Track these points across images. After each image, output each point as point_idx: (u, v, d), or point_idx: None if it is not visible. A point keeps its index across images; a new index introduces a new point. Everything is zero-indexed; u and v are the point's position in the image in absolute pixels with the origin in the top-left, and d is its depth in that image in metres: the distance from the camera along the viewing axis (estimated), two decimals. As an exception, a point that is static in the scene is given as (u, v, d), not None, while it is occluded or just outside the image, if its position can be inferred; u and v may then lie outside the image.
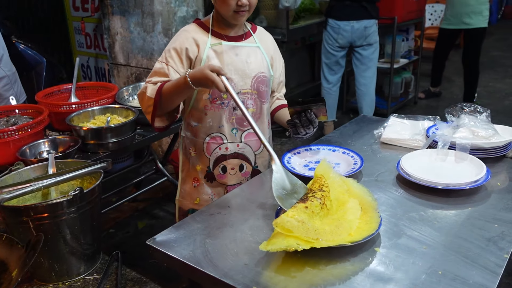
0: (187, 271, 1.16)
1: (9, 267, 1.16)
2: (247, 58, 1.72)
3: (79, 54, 4.72)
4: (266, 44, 1.81)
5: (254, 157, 1.82)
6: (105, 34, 4.03)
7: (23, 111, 2.29)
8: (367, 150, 1.83)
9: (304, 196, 1.29)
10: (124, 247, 2.85)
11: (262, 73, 1.75)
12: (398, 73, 5.01)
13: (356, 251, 1.17)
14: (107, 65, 4.33)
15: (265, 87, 1.77)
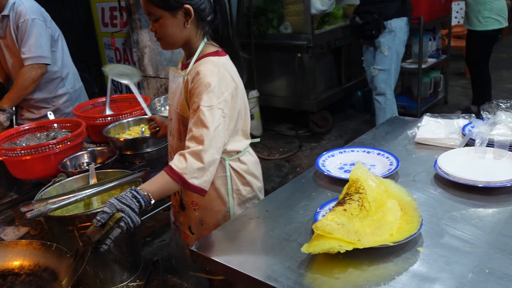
0: (230, 274, 1.18)
1: (59, 276, 1.20)
2: (175, 88, 1.59)
3: (109, 69, 4.85)
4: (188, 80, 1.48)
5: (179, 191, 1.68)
6: (134, 48, 4.14)
7: (61, 125, 2.38)
8: (401, 150, 1.81)
9: (342, 200, 1.30)
10: (160, 254, 2.89)
11: (177, 109, 1.56)
12: (426, 73, 4.94)
13: (398, 251, 1.16)
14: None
15: (179, 125, 1.58)
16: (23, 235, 1.98)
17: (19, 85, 2.61)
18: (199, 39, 1.52)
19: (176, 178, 1.33)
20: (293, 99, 4.72)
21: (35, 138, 2.21)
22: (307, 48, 4.33)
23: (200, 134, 1.37)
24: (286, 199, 1.51)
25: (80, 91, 3.02)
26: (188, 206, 1.66)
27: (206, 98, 1.39)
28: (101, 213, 1.24)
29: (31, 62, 2.60)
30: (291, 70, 4.57)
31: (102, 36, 4.78)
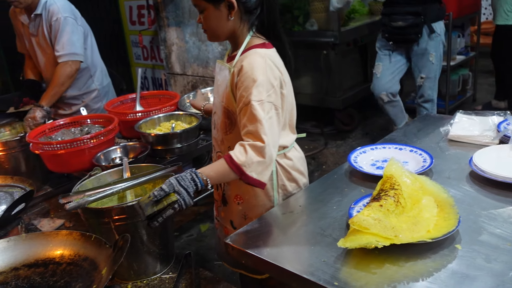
0: (267, 268, 1.19)
1: (99, 265, 1.23)
2: (221, 81, 1.59)
3: (137, 66, 4.93)
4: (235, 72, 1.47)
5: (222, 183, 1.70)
6: (161, 46, 4.19)
7: (94, 120, 2.43)
8: (434, 147, 1.79)
9: (377, 196, 1.29)
10: (189, 249, 2.92)
11: (223, 102, 1.55)
12: (454, 71, 4.85)
13: (436, 248, 1.15)
14: (164, 75, 4.49)
15: (224, 118, 1.57)
16: (58, 227, 2.03)
17: (55, 82, 2.68)
18: (245, 31, 1.51)
19: (235, 169, 1.34)
20: (318, 96, 4.70)
21: (69, 133, 2.26)
22: (333, 45, 4.31)
23: (255, 130, 1.37)
24: (319, 195, 1.51)
25: (108, 88, 3.09)
26: (231, 200, 1.66)
27: (255, 92, 1.38)
28: (159, 189, 1.27)
29: (65, 59, 2.66)
30: (317, 67, 4.55)
31: (130, 34, 4.85)
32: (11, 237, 1.31)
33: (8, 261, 1.27)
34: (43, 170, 2.35)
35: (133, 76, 5.09)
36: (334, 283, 1.06)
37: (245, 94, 1.40)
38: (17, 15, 2.83)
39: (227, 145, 1.60)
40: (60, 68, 2.67)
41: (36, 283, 1.22)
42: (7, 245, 1.29)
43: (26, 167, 2.36)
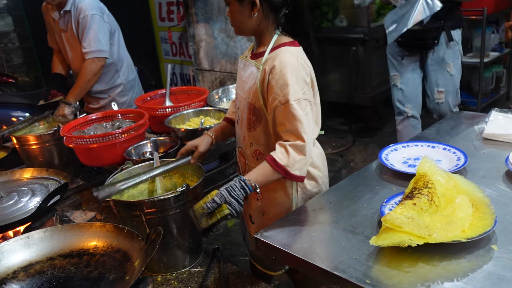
0: (297, 264, 1.19)
1: (131, 257, 1.25)
2: (247, 77, 1.59)
3: (165, 62, 4.98)
4: (266, 70, 1.48)
5: None
6: (190, 42, 4.22)
7: (125, 115, 2.47)
8: (468, 146, 1.75)
9: (410, 194, 1.27)
10: (215, 244, 2.95)
11: (249, 98, 1.55)
12: (488, 68, 4.72)
13: (471, 248, 1.13)
14: (192, 71, 4.52)
15: (249, 114, 1.57)
16: (90, 219, 2.08)
17: (81, 79, 2.76)
18: (271, 29, 1.53)
19: (280, 170, 1.42)
20: (346, 93, 4.65)
21: (101, 127, 2.31)
22: (362, 41, 4.25)
23: (295, 129, 1.41)
24: (349, 192, 1.50)
25: (134, 82, 3.16)
26: (250, 196, 1.66)
27: (292, 91, 1.41)
28: (212, 201, 1.36)
29: (91, 56, 2.75)
30: (345, 64, 4.50)
31: (159, 30, 4.90)
32: (48, 228, 1.35)
33: (45, 251, 1.31)
34: (75, 163, 2.41)
35: (161, 72, 5.14)
36: (366, 281, 1.05)
37: (281, 93, 1.42)
38: (49, 11, 2.93)
39: (249, 142, 1.62)
40: (86, 65, 2.75)
41: (71, 273, 1.26)
42: (43, 235, 1.33)
43: (59, 160, 2.42)
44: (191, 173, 1.82)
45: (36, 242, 1.32)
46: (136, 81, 3.21)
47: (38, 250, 1.31)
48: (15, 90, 6.13)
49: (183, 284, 1.58)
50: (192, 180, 1.80)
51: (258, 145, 1.60)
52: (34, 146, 2.36)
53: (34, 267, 1.27)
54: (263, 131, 1.57)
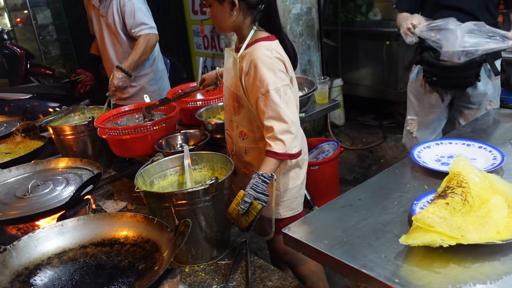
0: (324, 260, 1.18)
1: (161, 248, 1.27)
2: (228, 68, 1.78)
3: (197, 55, 5.01)
4: (244, 65, 1.65)
5: (231, 156, 1.92)
6: (221, 35, 4.23)
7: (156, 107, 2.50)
8: (505, 144, 1.69)
9: (443, 193, 1.24)
10: (243, 237, 2.96)
11: (231, 87, 1.75)
12: (528, 63, 4.54)
13: (506, 251, 1.09)
14: (223, 65, 4.53)
15: (233, 101, 1.77)
16: (121, 209, 2.13)
17: (136, 49, 2.85)
18: (249, 25, 1.68)
19: (284, 157, 1.61)
20: (378, 88, 4.57)
21: (133, 119, 2.35)
22: (396, 36, 4.15)
23: (277, 114, 1.59)
24: (379, 189, 1.48)
25: (163, 73, 3.23)
26: (240, 171, 1.90)
27: (270, 82, 1.59)
28: (243, 202, 1.53)
29: (148, 32, 2.85)
30: (378, 58, 4.42)
31: (192, 23, 4.93)
32: (81, 216, 1.38)
33: (78, 238, 1.35)
34: (107, 154, 2.46)
35: (193, 65, 5.18)
36: (395, 280, 1.03)
37: (261, 85, 1.60)
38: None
39: (236, 125, 1.83)
40: (143, 39, 2.84)
41: (102, 261, 1.29)
42: (77, 223, 1.37)
43: (93, 151, 2.48)
44: (220, 166, 1.83)
45: (70, 230, 1.36)
46: (165, 72, 3.27)
47: (71, 238, 1.35)
48: (52, 81, 6.32)
49: (210, 276, 1.59)
50: (221, 173, 1.81)
51: (243, 126, 1.80)
52: (69, 136, 2.43)
53: (67, 254, 1.31)
54: (246, 116, 1.76)
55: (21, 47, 6.69)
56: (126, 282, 1.19)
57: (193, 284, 1.55)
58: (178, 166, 1.86)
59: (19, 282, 1.19)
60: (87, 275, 1.25)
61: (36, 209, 1.60)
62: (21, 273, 1.22)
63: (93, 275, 1.24)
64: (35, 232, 1.33)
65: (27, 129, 2.42)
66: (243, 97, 1.71)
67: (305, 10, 4.08)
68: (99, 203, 2.16)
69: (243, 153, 1.85)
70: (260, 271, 1.59)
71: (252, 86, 1.63)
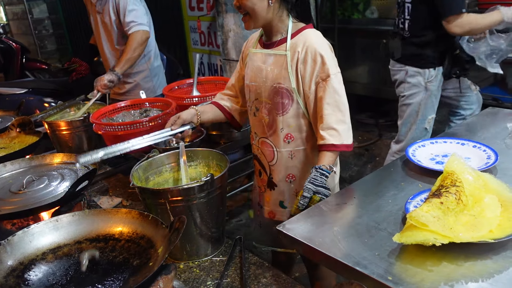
0: (318, 257, 1.19)
1: (155, 244, 1.27)
2: (269, 66, 1.68)
3: (193, 51, 5.01)
4: (297, 53, 1.62)
5: (268, 167, 1.82)
6: (218, 31, 4.22)
7: (152, 103, 2.50)
8: (499, 144, 1.70)
9: (437, 192, 1.25)
10: (237, 234, 2.98)
11: (279, 83, 1.66)
12: (524, 63, 4.56)
13: (498, 249, 1.10)
14: (220, 61, 4.53)
15: (280, 98, 1.67)
16: (116, 205, 2.13)
17: (128, 48, 2.85)
18: (285, 17, 1.64)
19: (342, 148, 1.58)
20: (375, 86, 4.58)
21: (129, 115, 2.35)
22: (393, 34, 4.16)
23: (335, 101, 1.58)
24: (374, 187, 1.48)
25: (158, 70, 3.23)
26: (280, 182, 1.80)
27: (331, 67, 1.58)
28: (302, 198, 1.45)
29: (137, 29, 2.84)
30: (375, 56, 4.43)
31: (189, 19, 4.93)
32: (76, 212, 1.38)
33: (73, 234, 1.34)
34: (103, 150, 2.45)
35: (189, 61, 5.18)
36: (388, 277, 1.04)
37: (321, 70, 1.59)
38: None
39: (280, 127, 1.71)
40: (132, 36, 2.84)
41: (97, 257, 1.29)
42: (72, 219, 1.37)
43: (88, 147, 2.48)
44: (215, 163, 1.83)
45: (65, 225, 1.36)
46: (161, 69, 3.26)
47: (66, 234, 1.35)
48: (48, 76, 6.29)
49: (205, 272, 1.60)
50: (217, 170, 1.82)
51: (288, 127, 1.71)
52: (65, 131, 2.43)
53: (62, 250, 1.31)
54: (293, 113, 1.68)
55: (17, 41, 6.64)
56: (120, 278, 1.19)
57: (187, 280, 1.56)
58: (173, 163, 1.87)
59: (14, 277, 1.19)
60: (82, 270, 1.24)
61: (31, 204, 1.60)
62: (16, 268, 1.22)
63: (88, 270, 1.24)
64: (30, 227, 1.32)
65: (22, 124, 2.41)
66: (294, 91, 1.65)
67: (302, 7, 4.08)
68: (94, 199, 2.16)
69: (289, 158, 1.75)
70: (255, 268, 1.60)
71: (312, 72, 1.60)
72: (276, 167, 1.78)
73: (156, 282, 1.11)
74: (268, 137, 1.75)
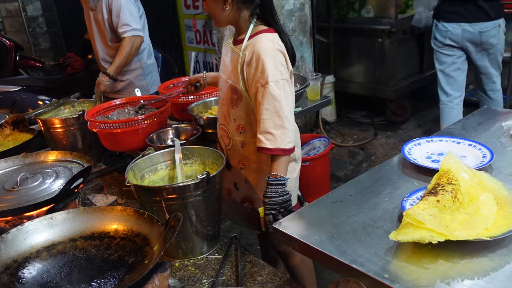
0: (314, 255, 1.19)
1: (151, 242, 1.26)
2: (228, 62, 1.78)
3: (189, 50, 4.98)
4: (245, 56, 1.67)
5: (226, 150, 1.93)
6: (214, 30, 4.21)
7: (148, 101, 2.48)
8: (495, 143, 1.71)
9: (433, 190, 1.25)
10: (233, 232, 2.97)
11: (231, 79, 1.75)
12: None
13: (493, 247, 1.10)
14: (215, 60, 4.52)
15: (231, 94, 1.77)
16: (111, 203, 2.12)
17: (121, 53, 2.85)
18: (247, 20, 1.69)
19: (278, 152, 1.61)
20: (370, 85, 4.59)
21: (124, 112, 2.33)
22: (389, 33, 4.19)
23: (273, 107, 1.60)
24: (370, 185, 1.49)
25: (152, 68, 3.21)
26: (234, 166, 1.91)
27: (270, 74, 1.59)
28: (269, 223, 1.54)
29: (131, 34, 2.83)
30: (370, 55, 4.44)
31: (184, 18, 4.91)
32: (71, 210, 1.37)
33: (67, 232, 1.33)
34: (98, 148, 2.45)
35: (185, 59, 5.16)
36: (385, 275, 1.04)
37: (261, 76, 1.61)
38: None
39: (233, 118, 1.82)
40: (127, 41, 2.84)
41: (91, 254, 1.28)
42: (66, 216, 1.35)
43: (83, 144, 2.46)
44: (211, 161, 1.82)
45: (59, 223, 1.35)
46: (154, 67, 3.25)
47: (61, 231, 1.34)
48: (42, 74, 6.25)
49: (200, 271, 1.59)
50: (212, 168, 1.81)
51: (240, 120, 1.79)
52: (59, 129, 2.41)
53: (56, 247, 1.30)
54: (243, 108, 1.76)
55: (10, 39, 6.59)
56: (116, 275, 1.18)
57: (183, 279, 1.55)
58: (169, 161, 1.86)
59: (7, 275, 1.18)
60: (76, 268, 1.24)
61: (25, 202, 1.59)
62: (10, 266, 1.21)
63: (83, 268, 1.23)
64: (24, 224, 1.31)
65: (16, 122, 2.40)
66: (242, 90, 1.71)
67: (298, 6, 4.07)
68: (89, 197, 2.14)
69: (239, 147, 1.85)
70: (250, 266, 1.59)
71: (253, 77, 1.63)
72: (230, 152, 1.90)
73: (152, 280, 1.10)
74: (225, 125, 1.88)
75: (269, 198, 1.57)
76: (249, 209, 1.94)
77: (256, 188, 1.88)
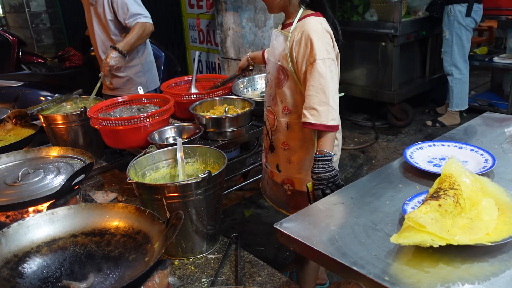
0: (316, 257, 1.19)
1: (152, 240, 1.26)
2: (277, 44, 1.87)
3: (192, 49, 4.99)
4: (295, 36, 1.76)
5: (271, 132, 1.99)
6: (217, 30, 4.22)
7: (150, 100, 2.49)
8: (497, 148, 1.71)
9: (435, 194, 1.25)
10: (232, 232, 2.97)
11: (279, 61, 1.83)
12: (520, 70, 4.59)
13: (494, 252, 1.10)
14: (218, 59, 4.53)
15: (279, 74, 1.85)
16: (111, 200, 2.11)
17: (133, 33, 2.82)
18: (297, 6, 1.79)
19: (320, 127, 1.68)
20: (372, 89, 4.59)
21: (127, 110, 2.33)
22: (392, 37, 4.19)
23: (319, 84, 1.67)
24: (372, 188, 1.48)
25: (151, 65, 3.20)
26: (277, 147, 1.97)
27: (318, 52, 1.67)
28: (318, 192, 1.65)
29: (144, 20, 2.83)
30: (373, 59, 4.44)
31: (188, 17, 4.92)
32: (72, 206, 1.37)
33: (68, 227, 1.33)
34: (99, 145, 2.45)
35: (188, 58, 5.16)
36: (385, 278, 1.04)
37: (309, 54, 1.69)
38: None
39: (279, 99, 1.89)
40: (138, 26, 2.81)
41: (92, 251, 1.28)
42: (67, 212, 1.36)
43: (84, 141, 2.46)
44: (213, 160, 1.83)
45: (60, 218, 1.35)
46: (153, 64, 3.24)
47: (62, 227, 1.34)
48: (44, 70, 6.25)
49: (200, 270, 1.59)
50: (214, 167, 1.81)
51: (286, 101, 1.86)
52: (61, 125, 2.41)
53: (57, 243, 1.30)
54: (289, 87, 1.83)
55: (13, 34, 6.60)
56: (116, 272, 1.18)
57: (182, 277, 1.55)
58: (170, 159, 1.86)
59: (8, 269, 1.18)
60: (77, 264, 1.24)
61: (26, 197, 1.59)
62: (10, 260, 1.21)
63: (83, 264, 1.23)
64: (25, 219, 1.31)
65: (19, 117, 2.40)
66: (290, 70, 1.79)
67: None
68: (89, 194, 2.14)
69: (285, 128, 1.91)
70: (250, 266, 1.59)
71: (303, 56, 1.71)
72: (275, 133, 1.96)
73: (152, 277, 1.10)
74: (271, 106, 1.94)
75: (317, 174, 1.64)
76: (289, 191, 1.99)
77: (299, 168, 1.93)
